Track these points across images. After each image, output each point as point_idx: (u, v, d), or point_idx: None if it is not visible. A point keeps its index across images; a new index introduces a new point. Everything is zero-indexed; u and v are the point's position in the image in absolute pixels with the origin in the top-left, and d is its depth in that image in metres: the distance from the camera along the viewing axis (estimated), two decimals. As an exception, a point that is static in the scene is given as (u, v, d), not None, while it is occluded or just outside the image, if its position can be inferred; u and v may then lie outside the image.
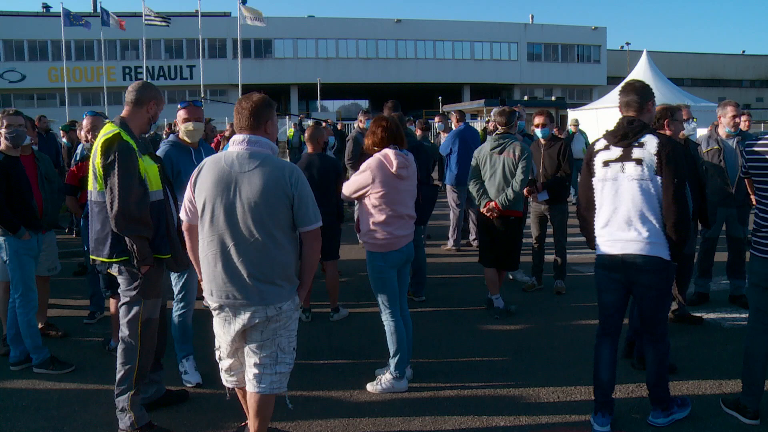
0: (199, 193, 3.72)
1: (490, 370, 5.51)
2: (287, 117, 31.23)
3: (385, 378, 5.11)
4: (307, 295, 3.85)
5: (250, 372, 3.82)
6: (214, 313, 3.83)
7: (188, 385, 5.24)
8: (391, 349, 5.09)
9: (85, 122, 6.66)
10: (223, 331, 3.85)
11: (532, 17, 64.71)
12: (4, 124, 5.79)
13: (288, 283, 3.75)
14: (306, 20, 60.69)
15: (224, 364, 3.99)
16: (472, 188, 7.05)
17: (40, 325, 6.62)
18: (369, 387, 5.12)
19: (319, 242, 3.84)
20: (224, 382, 4.08)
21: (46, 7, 60.33)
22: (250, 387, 3.82)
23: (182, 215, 3.89)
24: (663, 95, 20.95)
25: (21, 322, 5.72)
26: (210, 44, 55.35)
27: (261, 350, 3.78)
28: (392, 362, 5.10)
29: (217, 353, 4.01)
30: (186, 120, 5.29)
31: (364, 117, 10.20)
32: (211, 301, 3.79)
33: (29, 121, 6.57)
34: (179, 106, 5.35)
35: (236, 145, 3.72)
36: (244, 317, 3.71)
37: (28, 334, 5.72)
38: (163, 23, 42.21)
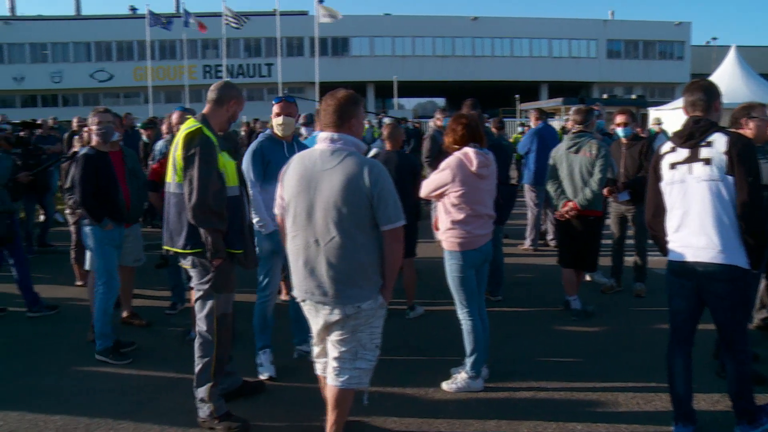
0: (285, 189, 3.80)
1: (567, 372, 5.42)
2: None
3: (461, 377, 5.10)
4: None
5: (331, 365, 3.87)
6: (301, 304, 3.92)
7: (261, 377, 5.35)
8: (468, 348, 5.08)
9: (174, 117, 6.87)
10: (312, 323, 3.95)
11: (612, 13, 63.27)
12: (95, 121, 6.08)
13: (368, 283, 3.72)
14: (382, 18, 60.95)
15: (314, 348, 4.10)
16: (550, 188, 6.95)
17: (124, 314, 6.91)
18: (444, 386, 5.11)
19: (400, 243, 3.75)
20: (317, 371, 4.19)
21: (133, 9, 62.56)
22: (330, 380, 3.88)
23: (276, 209, 3.98)
24: (753, 93, 20.09)
25: (98, 308, 5.99)
26: (288, 42, 56.19)
27: (341, 345, 3.81)
28: (468, 361, 5.09)
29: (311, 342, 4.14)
30: (278, 115, 5.41)
31: (442, 115, 10.16)
32: (295, 294, 3.89)
33: (117, 119, 6.80)
34: (273, 101, 5.50)
35: (320, 142, 3.76)
36: (324, 312, 3.77)
37: (99, 319, 5.98)
38: (238, 25, 42.98)
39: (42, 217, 11.37)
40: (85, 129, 7.03)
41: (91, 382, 5.45)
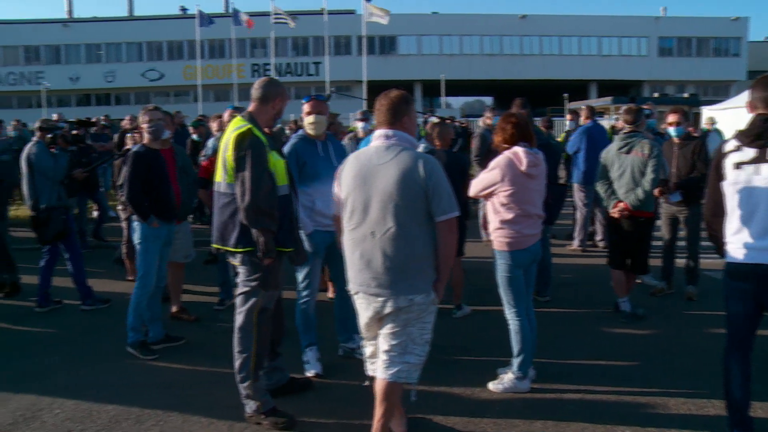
0: (341, 186, 3.90)
1: (615, 375, 5.35)
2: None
3: (508, 377, 5.07)
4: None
5: (381, 358, 3.92)
6: (354, 298, 3.99)
7: (308, 374, 5.39)
8: (515, 348, 5.04)
9: (225, 115, 6.96)
10: (361, 316, 3.99)
11: (665, 10, 62.05)
12: (146, 119, 6.18)
13: (422, 276, 3.78)
14: (430, 17, 60.83)
15: (366, 350, 4.14)
16: (600, 189, 6.84)
17: (174, 309, 7.04)
18: (491, 386, 5.08)
19: (454, 234, 3.80)
20: (365, 370, 4.20)
21: (183, 9, 63.62)
22: (379, 373, 3.93)
23: (333, 207, 4.08)
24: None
25: (132, 301, 6.10)
26: (336, 41, 56.48)
27: (392, 338, 3.85)
28: (515, 362, 5.05)
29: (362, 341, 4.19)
30: (308, 113, 5.44)
31: (492, 114, 10.09)
32: (350, 287, 3.96)
33: (168, 117, 6.92)
34: (303, 101, 5.52)
35: (375, 140, 3.87)
36: (376, 305, 3.83)
37: (131, 313, 6.09)
38: (289, 21, 43.36)
39: (96, 213, 11.63)
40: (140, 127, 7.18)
41: (141, 375, 5.58)
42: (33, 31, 59.74)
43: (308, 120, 5.44)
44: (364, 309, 3.92)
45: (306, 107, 5.46)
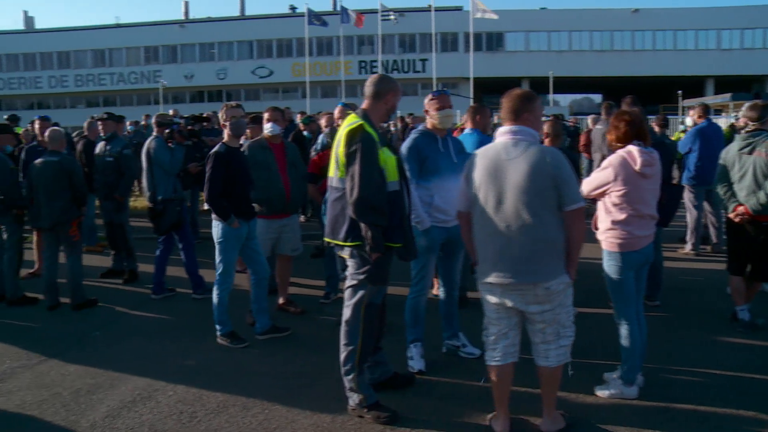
0: (471, 182, 4.06)
1: (731, 388, 5.06)
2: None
3: (615, 383, 4.91)
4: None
5: (537, 349, 4.20)
6: (485, 290, 4.14)
7: (411, 370, 5.39)
8: (623, 353, 4.88)
9: (336, 112, 7.06)
10: (494, 308, 4.14)
11: (795, -3, 58.31)
12: (227, 116, 6.25)
13: (556, 262, 4.00)
14: (538, 12, 59.71)
15: (489, 338, 4.25)
16: (720, 191, 6.48)
17: (281, 301, 7.19)
18: (597, 390, 4.94)
19: (583, 222, 4.03)
20: (488, 361, 4.28)
21: (293, 8, 65.07)
22: (540, 362, 4.20)
23: (457, 203, 4.30)
24: None
25: (214, 297, 6.24)
26: (442, 38, 56.32)
27: (544, 329, 4.11)
28: (622, 367, 4.89)
29: (484, 333, 4.30)
30: (442, 107, 5.43)
31: (605, 112, 9.82)
32: (482, 279, 4.12)
33: (279, 113, 7.08)
34: (431, 95, 5.52)
35: (501, 135, 4.07)
36: (513, 296, 4.03)
37: (216, 309, 6.24)
38: (396, 17, 43.61)
39: (206, 206, 12.02)
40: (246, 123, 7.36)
41: (249, 364, 5.75)
42: (152, 32, 62.83)
43: (444, 113, 5.44)
44: (498, 300, 4.08)
45: (438, 101, 5.46)
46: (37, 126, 10.59)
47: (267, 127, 6.87)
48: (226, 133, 6.31)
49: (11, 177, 7.79)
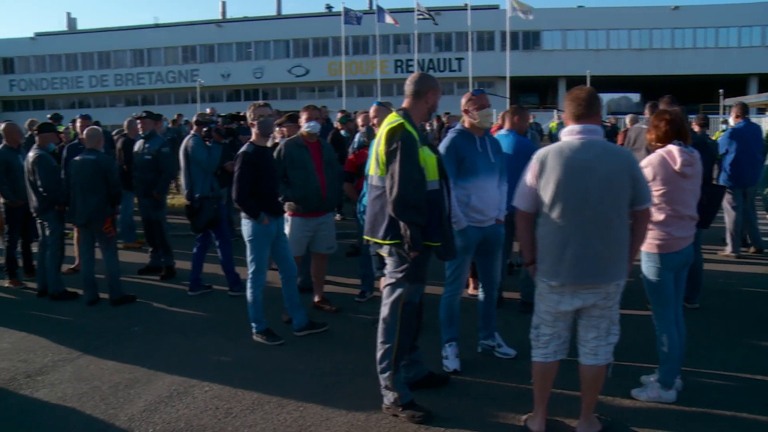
0: (546, 182, 3.97)
1: (774, 393, 4.95)
2: (554, 110, 30.63)
3: (653, 386, 4.84)
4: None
5: (586, 347, 4.16)
6: (550, 292, 4.07)
7: (446, 370, 5.38)
8: (661, 356, 4.80)
9: (371, 111, 7.08)
10: (555, 309, 4.10)
11: None
12: (255, 116, 6.27)
13: (624, 260, 4.04)
14: (575, 11, 59.06)
15: (543, 339, 4.21)
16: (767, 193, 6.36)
17: (316, 299, 7.22)
18: (634, 393, 4.87)
19: (648, 222, 4.18)
20: (536, 358, 4.26)
21: (329, 7, 65.31)
22: (588, 360, 4.16)
23: (517, 202, 4.18)
24: None
25: (248, 296, 6.28)
26: (478, 37, 56.03)
27: (598, 326, 4.11)
28: (660, 370, 4.81)
29: (534, 332, 4.26)
30: (483, 107, 5.41)
31: (649, 111, 9.69)
32: (552, 281, 4.04)
33: (317, 111, 7.12)
34: (471, 94, 5.50)
35: (575, 134, 3.99)
36: (586, 295, 4.02)
37: (251, 307, 6.28)
38: (430, 17, 43.52)
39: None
40: (278, 125, 7.41)
41: (284, 361, 5.79)
42: (190, 32, 63.55)
43: (484, 113, 5.42)
44: (566, 302, 4.05)
45: (479, 100, 5.44)
46: (78, 124, 10.79)
47: (307, 125, 6.91)
48: (254, 133, 6.34)
49: (54, 174, 7.95)
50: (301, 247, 7.02)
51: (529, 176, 4.07)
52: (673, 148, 4.64)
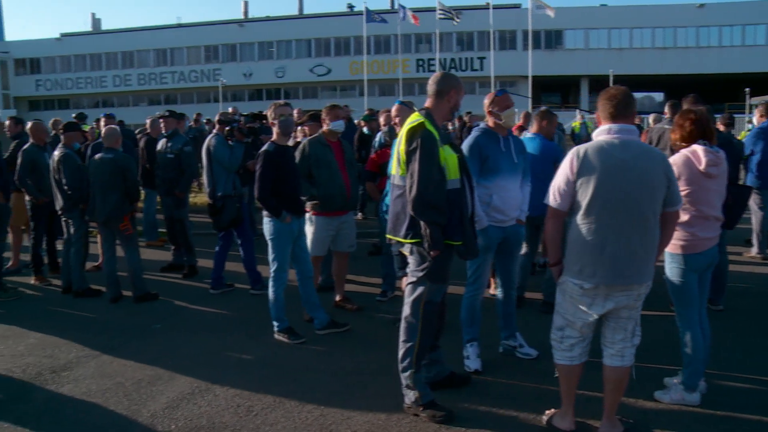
0: (584, 181, 3.93)
1: (800, 396, 4.88)
2: (577, 110, 30.44)
3: (676, 388, 4.78)
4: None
5: (613, 348, 4.15)
6: (583, 295, 4.03)
7: (467, 370, 5.36)
8: (685, 358, 4.74)
9: (393, 110, 7.09)
10: (584, 311, 4.07)
11: None
12: (276, 115, 6.29)
13: (654, 261, 4.04)
14: (598, 9, 58.65)
15: (568, 342, 4.19)
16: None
17: (338, 298, 7.23)
18: (657, 395, 4.82)
19: (676, 224, 4.22)
20: (558, 360, 4.25)
21: (351, 6, 65.59)
22: (615, 362, 4.14)
23: (551, 200, 4.12)
24: None
25: (270, 294, 6.29)
26: (500, 36, 55.83)
27: (625, 327, 4.11)
28: (684, 372, 4.76)
29: (558, 333, 4.24)
30: (507, 106, 5.41)
31: (670, 110, 9.60)
32: (587, 283, 3.99)
33: (342, 110, 7.13)
34: (496, 94, 5.50)
35: (612, 134, 3.96)
36: (619, 297, 4.00)
37: (272, 306, 6.30)
38: (452, 16, 43.45)
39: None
40: (300, 124, 7.42)
41: (305, 360, 5.80)
42: (212, 31, 64.04)
43: (509, 113, 5.41)
44: (596, 304, 4.02)
45: (503, 100, 5.44)
46: (102, 124, 10.88)
47: (334, 124, 6.94)
48: (275, 132, 6.37)
49: (79, 173, 8.03)
50: (324, 246, 7.03)
51: (566, 174, 4.00)
52: (698, 148, 4.59)
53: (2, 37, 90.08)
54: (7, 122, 10.10)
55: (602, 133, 4.00)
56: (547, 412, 4.48)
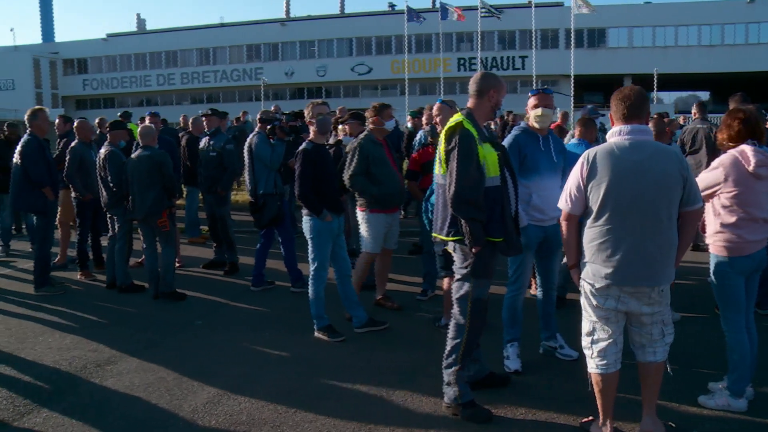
0: (596, 183, 3.91)
1: None
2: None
3: (721, 393, 4.68)
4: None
5: (644, 348, 4.13)
6: (597, 296, 4.01)
7: (507, 370, 5.33)
8: (731, 363, 4.64)
9: (434, 109, 7.08)
10: (605, 314, 4.04)
11: None
12: (313, 114, 6.32)
13: (672, 261, 3.99)
14: (642, 7, 57.74)
15: (600, 346, 4.11)
16: None
17: (378, 296, 7.22)
18: (701, 400, 4.73)
19: (697, 223, 4.17)
20: (592, 369, 4.16)
21: (392, 5, 65.56)
22: (648, 357, 4.12)
23: (563, 204, 4.13)
24: None
25: (310, 292, 6.31)
26: (542, 34, 55.27)
27: (651, 329, 4.06)
28: (730, 377, 4.65)
29: (587, 339, 4.17)
30: (535, 106, 5.36)
31: (698, 110, 9.44)
32: (598, 283, 3.98)
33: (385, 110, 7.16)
34: (529, 93, 5.46)
35: (624, 135, 3.92)
36: (629, 301, 3.96)
37: (313, 303, 6.32)
38: (494, 14, 43.23)
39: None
40: (341, 122, 7.44)
41: (345, 358, 5.83)
42: (255, 31, 64.70)
43: (536, 113, 5.37)
44: (615, 305, 3.99)
45: (533, 100, 5.41)
46: (147, 122, 11.04)
47: (389, 123, 6.99)
48: (312, 131, 6.42)
49: (124, 171, 8.16)
50: (380, 243, 6.97)
51: (577, 178, 4.00)
52: (746, 148, 4.49)
53: (52, 38, 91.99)
54: (56, 121, 10.31)
55: (614, 135, 3.97)
56: (583, 420, 4.42)
